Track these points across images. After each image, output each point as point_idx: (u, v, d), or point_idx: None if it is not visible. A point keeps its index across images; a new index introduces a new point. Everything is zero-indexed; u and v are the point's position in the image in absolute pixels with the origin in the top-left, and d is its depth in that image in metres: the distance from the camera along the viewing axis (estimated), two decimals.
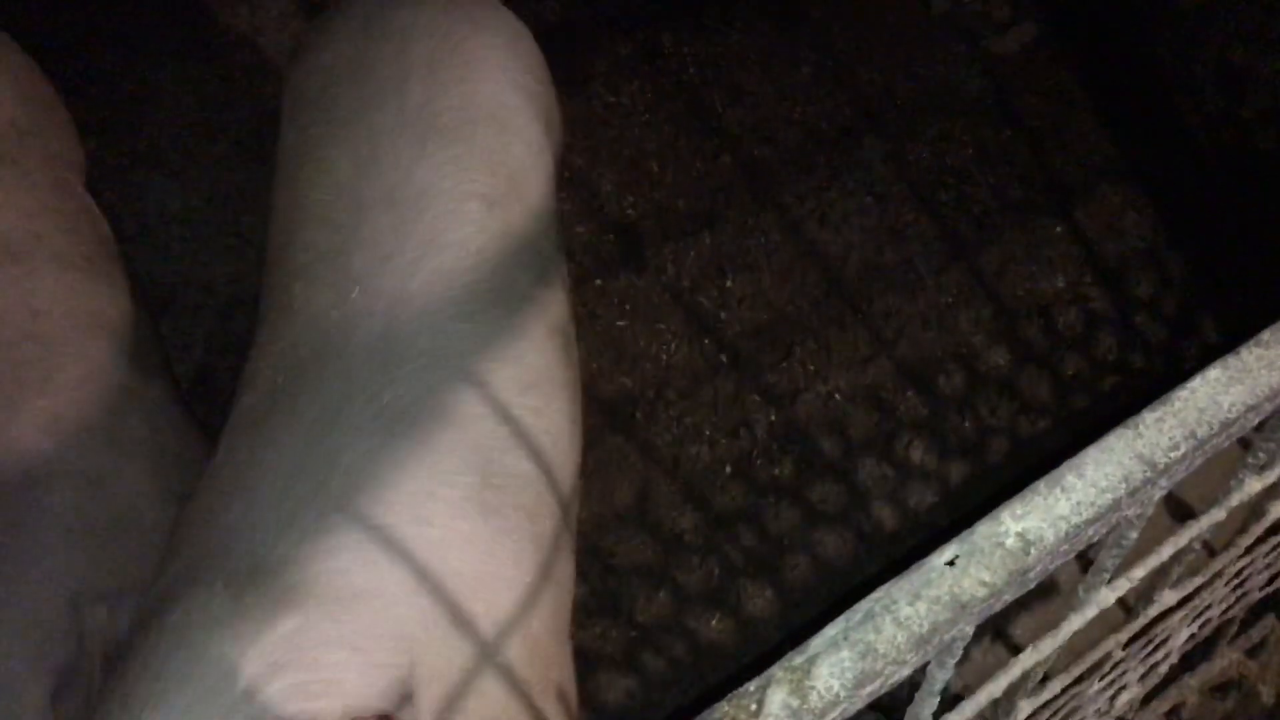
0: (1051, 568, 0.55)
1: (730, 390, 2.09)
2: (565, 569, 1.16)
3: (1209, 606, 1.09)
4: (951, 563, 0.53)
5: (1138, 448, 0.58)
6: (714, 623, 1.76)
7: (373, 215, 1.16)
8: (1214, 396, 0.61)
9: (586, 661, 1.71)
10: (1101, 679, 1.01)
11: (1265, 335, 0.64)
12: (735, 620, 1.77)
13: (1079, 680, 0.97)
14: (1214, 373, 0.62)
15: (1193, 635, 1.13)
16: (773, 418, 2.05)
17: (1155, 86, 2.57)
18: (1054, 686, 0.86)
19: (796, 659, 0.50)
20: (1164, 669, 1.14)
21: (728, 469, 1.98)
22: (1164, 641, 1.08)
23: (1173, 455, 0.58)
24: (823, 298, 2.24)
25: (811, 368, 2.13)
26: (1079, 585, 0.74)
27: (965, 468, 1.98)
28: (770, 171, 2.47)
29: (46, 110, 1.43)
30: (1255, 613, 1.37)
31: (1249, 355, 0.63)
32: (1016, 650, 1.10)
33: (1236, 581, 1.09)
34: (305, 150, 1.28)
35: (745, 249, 2.32)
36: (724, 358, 2.14)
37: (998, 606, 0.54)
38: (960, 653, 0.58)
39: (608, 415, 2.02)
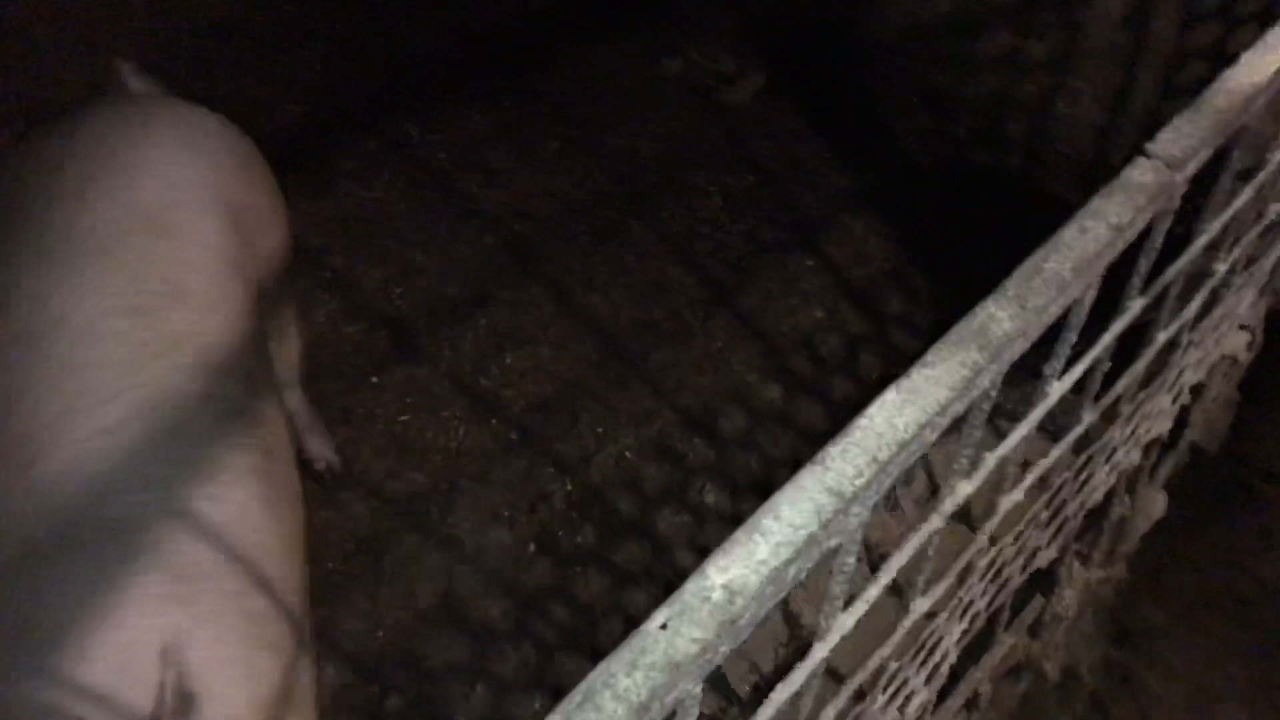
0: (761, 613, 0.58)
1: (523, 467, 2.09)
2: (288, 637, 1.14)
3: (971, 602, 1.16)
4: (664, 625, 0.55)
5: (826, 481, 0.62)
6: (536, 706, 1.74)
7: (6, 350, 1.13)
8: (890, 420, 0.65)
9: None
10: (884, 692, 1.05)
11: (930, 356, 0.70)
12: (557, 699, 1.75)
13: (859, 699, 1.01)
14: (890, 396, 0.67)
15: (965, 630, 1.20)
16: (569, 487, 2.06)
17: (873, 117, 2.76)
18: (828, 713, 0.89)
19: None
20: (945, 668, 1.20)
21: (531, 547, 1.97)
22: (938, 643, 1.14)
23: (858, 483, 0.62)
24: (601, 360, 2.28)
25: (599, 430, 2.16)
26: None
27: (757, 503, 2.03)
28: (533, 245, 2.51)
29: None
30: (1023, 597, 1.46)
31: (918, 376, 0.68)
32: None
33: (992, 573, 1.17)
34: None
35: (520, 324, 2.34)
36: (513, 435, 2.14)
37: (716, 660, 0.56)
38: (695, 711, 0.59)
39: (401, 515, 1.98)
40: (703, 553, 1.96)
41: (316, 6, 3.14)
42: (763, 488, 2.05)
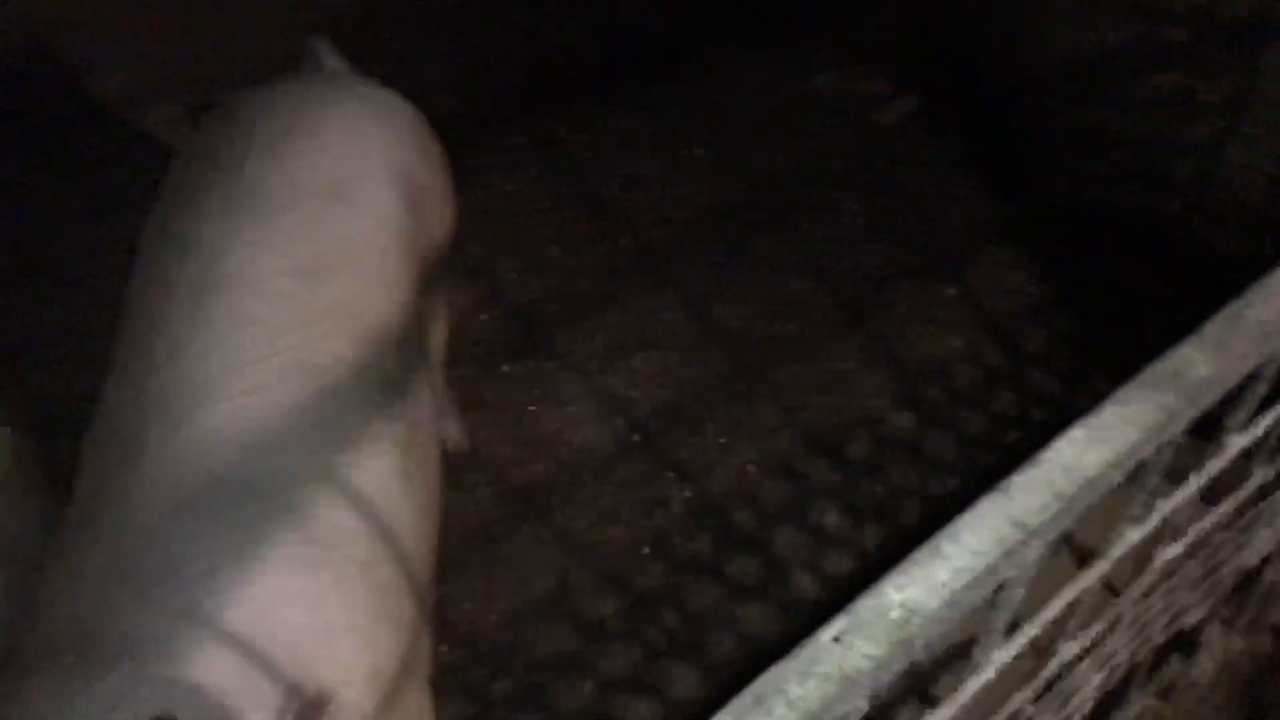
0: (936, 636, 0.57)
1: (644, 469, 2.09)
2: (412, 612, 1.16)
3: (1114, 653, 1.12)
4: (838, 638, 0.54)
5: (1009, 511, 0.60)
6: (640, 708, 1.74)
7: (177, 299, 1.18)
8: (1078, 456, 0.63)
9: None
10: None
11: (1122, 393, 0.67)
12: (662, 704, 1.75)
13: None
14: (1077, 433, 0.65)
15: (1103, 682, 1.16)
16: (687, 494, 2.06)
17: (1026, 149, 2.70)
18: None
19: None
20: (1078, 719, 1.16)
21: (646, 549, 1.97)
22: (1075, 692, 1.10)
23: (1042, 516, 0.60)
24: (729, 371, 2.27)
25: (722, 441, 2.15)
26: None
27: (879, 531, 2.01)
28: (668, 251, 2.52)
29: None
30: (1161, 655, 1.40)
31: (1110, 414, 0.66)
32: None
33: (1137, 627, 1.13)
34: (143, 242, 1.29)
35: (649, 328, 2.35)
36: (636, 437, 2.15)
37: (886, 679, 0.55)
38: None
39: (522, 503, 2.01)
40: (819, 575, 1.94)
41: (476, 2, 3.22)
42: (887, 517, 2.01)
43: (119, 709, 0.92)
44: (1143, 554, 0.98)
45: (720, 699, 0.54)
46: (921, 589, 0.56)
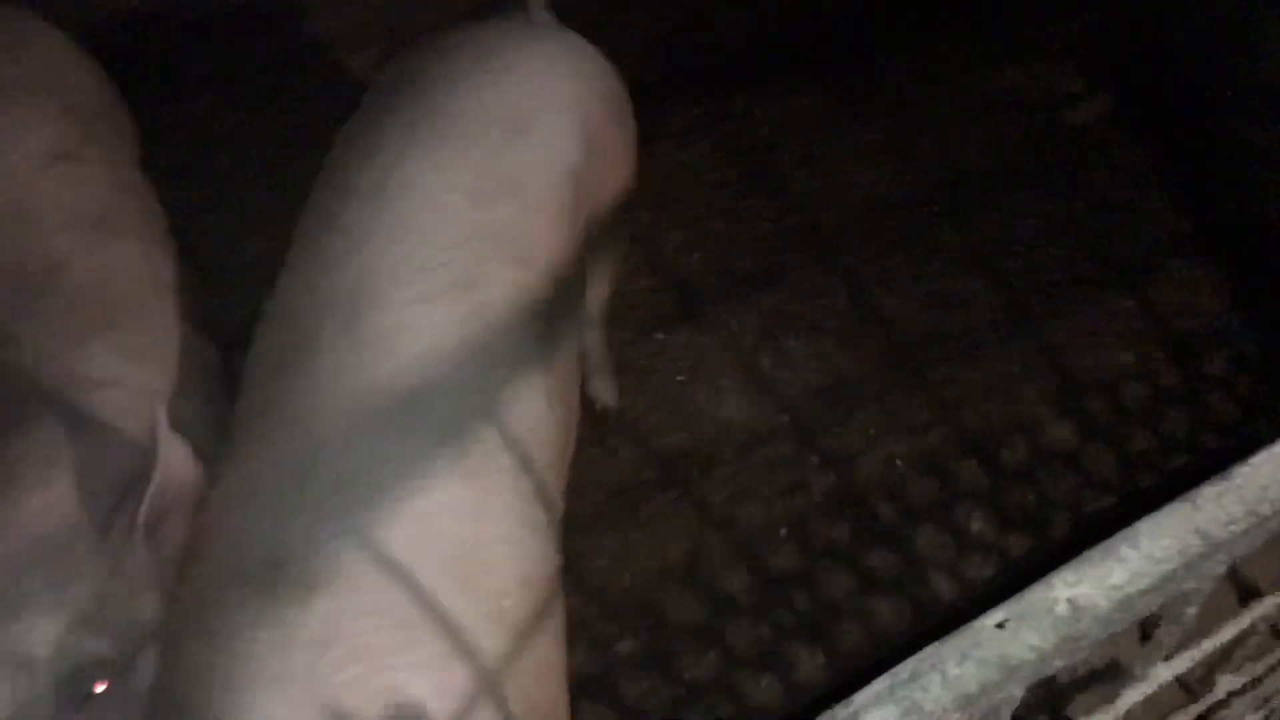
0: (1103, 636, 0.55)
1: (788, 451, 2.08)
2: (552, 530, 1.21)
3: (1274, 694, 1.06)
4: (1001, 625, 0.53)
5: (1195, 521, 0.57)
6: (762, 685, 1.74)
7: (354, 204, 1.23)
8: (1276, 474, 0.60)
9: (631, 717, 1.70)
10: None
11: None
12: (784, 684, 1.74)
13: None
14: (1279, 449, 0.61)
15: None
16: (831, 480, 2.04)
17: (1231, 162, 2.54)
18: None
19: (841, 713, 0.50)
20: None
21: (783, 531, 1.96)
22: None
23: (1231, 530, 0.57)
24: (885, 362, 2.23)
25: (872, 432, 2.12)
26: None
27: (1026, 540, 1.95)
28: (835, 235, 2.48)
29: (120, 107, 1.64)
30: None
31: None
32: None
33: None
34: (333, 150, 1.36)
35: (808, 310, 2.32)
36: (784, 418, 2.14)
37: (1046, 671, 0.54)
38: (1008, 717, 0.57)
39: (663, 469, 2.03)
40: (958, 578, 1.90)
41: None
42: (1035, 527, 1.95)
43: (330, 644, 0.98)
44: None
45: (844, 687, 0.54)
46: (1093, 588, 0.54)
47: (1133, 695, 0.68)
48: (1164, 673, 0.69)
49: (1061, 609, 0.54)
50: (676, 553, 1.91)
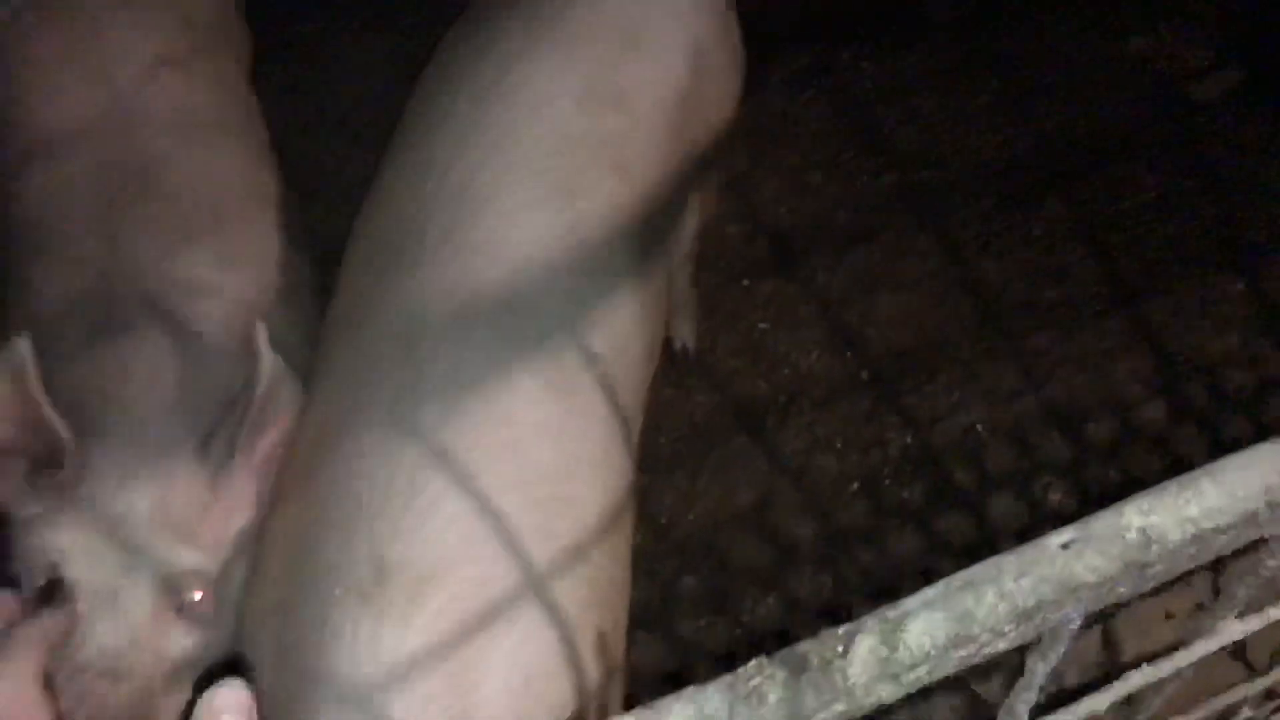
0: (1173, 571, 0.53)
1: (867, 407, 2.05)
2: (629, 451, 1.20)
3: None
4: (1066, 546, 0.52)
5: None
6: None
7: (461, 105, 1.24)
8: None
9: (685, 651, 1.71)
10: None
11: None
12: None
13: None
14: None
15: None
16: (908, 440, 2.01)
17: None
18: None
19: (890, 613, 0.49)
20: None
21: (854, 485, 1.95)
22: None
23: None
24: (975, 327, 2.18)
25: (954, 396, 2.08)
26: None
27: None
28: (935, 195, 2.43)
29: (236, 21, 1.68)
30: None
31: None
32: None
33: None
34: (439, 53, 1.38)
35: (900, 269, 2.28)
36: (864, 374, 2.11)
37: (1108, 598, 0.52)
38: (1065, 646, 0.56)
39: (738, 415, 2.02)
40: None
41: None
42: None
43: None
44: None
45: None
46: (1167, 518, 0.52)
47: (1199, 648, 0.66)
48: (1236, 629, 0.67)
49: (1131, 535, 0.52)
50: (745, 497, 1.91)
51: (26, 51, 1.40)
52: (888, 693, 0.48)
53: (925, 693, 1.50)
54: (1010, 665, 1.45)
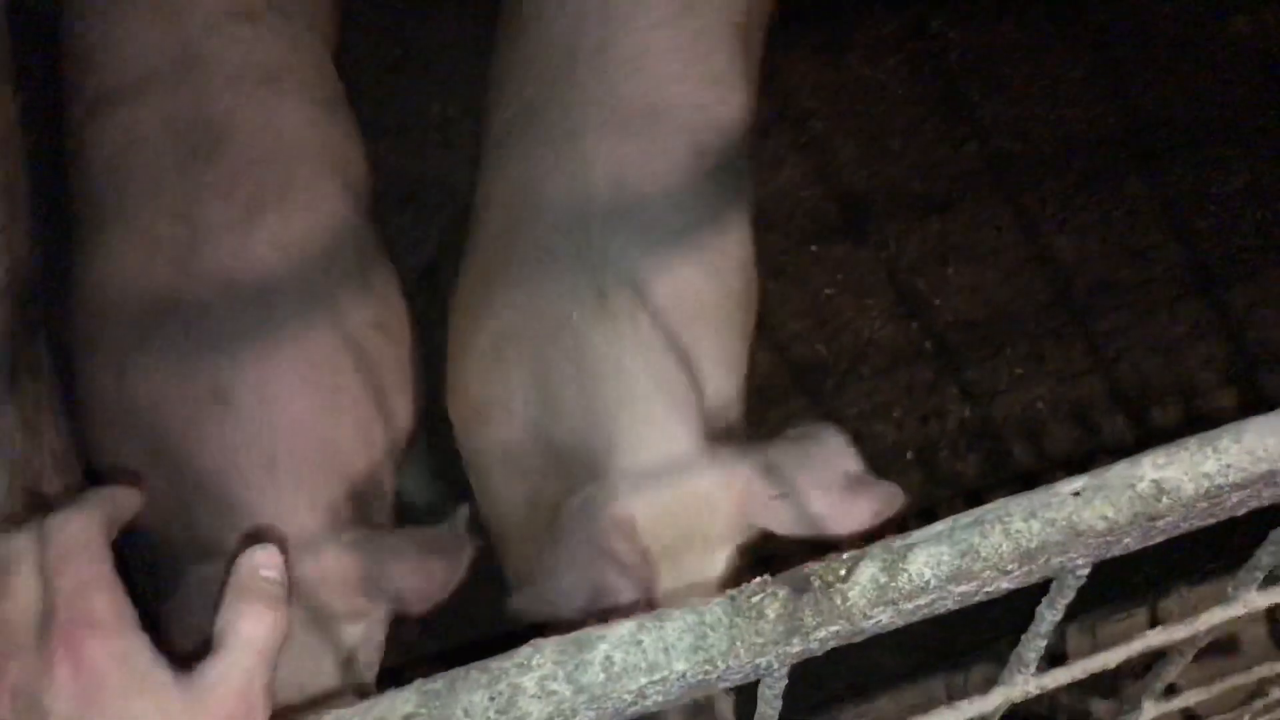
0: (1184, 526, 0.53)
1: (928, 378, 2.04)
2: None
3: None
4: (1078, 493, 0.53)
5: None
6: None
7: None
8: None
9: None
10: (1252, 717, 0.94)
11: None
12: None
13: (1224, 711, 0.92)
14: None
15: None
16: (967, 413, 2.00)
17: None
18: (1188, 697, 0.81)
19: (896, 543, 0.51)
20: None
21: (909, 454, 1.95)
22: None
23: None
24: (1046, 304, 2.15)
25: (1019, 371, 2.06)
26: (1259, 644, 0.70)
27: None
28: (1017, 168, 2.38)
29: None
30: None
31: None
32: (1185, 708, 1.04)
33: None
34: None
35: (974, 241, 2.25)
36: (928, 344, 2.09)
37: (1115, 549, 0.53)
38: (1072, 593, 0.57)
39: (797, 378, 2.03)
40: None
41: None
42: None
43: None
44: None
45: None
46: (1182, 472, 0.53)
47: (1218, 614, 0.66)
48: (1258, 599, 0.67)
49: (1144, 486, 0.52)
50: None
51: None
52: (886, 618, 0.50)
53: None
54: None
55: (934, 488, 1.88)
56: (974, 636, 1.56)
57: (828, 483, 1.18)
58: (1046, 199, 2.32)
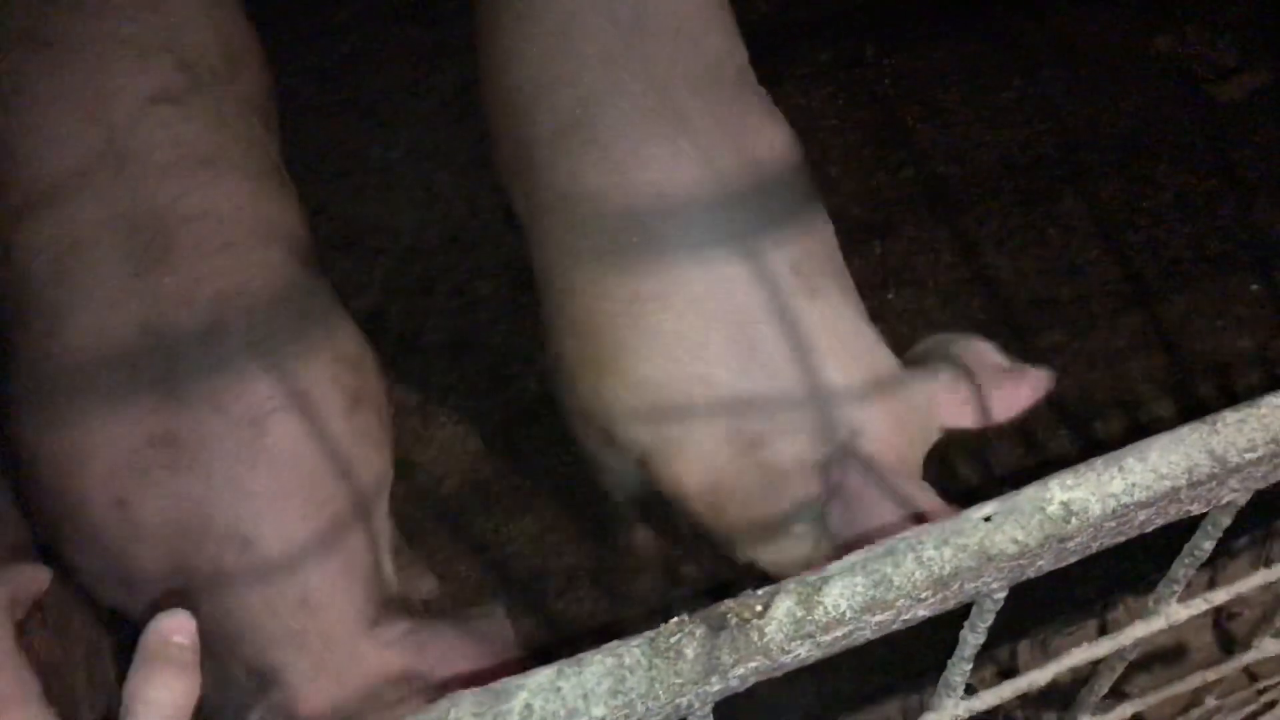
0: (1094, 546, 0.55)
1: None
2: None
3: None
4: (988, 518, 0.53)
5: (1210, 443, 0.56)
6: None
7: None
8: None
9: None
10: None
11: None
12: None
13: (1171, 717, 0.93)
14: None
15: None
16: None
17: None
18: (1125, 709, 0.83)
19: (811, 577, 0.51)
20: None
21: None
22: (1272, 706, 1.01)
23: (1246, 456, 0.56)
24: (987, 322, 2.18)
25: None
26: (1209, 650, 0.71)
27: None
28: (954, 191, 2.43)
29: (244, 59, 1.60)
30: None
31: None
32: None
33: None
34: None
35: (913, 264, 2.29)
36: None
37: (1028, 572, 0.54)
38: (991, 617, 0.57)
39: None
40: None
41: None
42: None
43: None
44: None
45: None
46: (1090, 493, 0.54)
47: (1139, 629, 0.67)
48: (1178, 612, 0.68)
49: (1053, 509, 0.53)
50: None
51: (20, 93, 1.37)
52: (804, 651, 0.50)
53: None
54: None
55: None
56: (935, 656, 1.57)
57: (992, 379, 1.37)
58: (983, 220, 2.36)
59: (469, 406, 2.05)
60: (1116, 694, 1.63)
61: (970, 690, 0.65)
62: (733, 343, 1.28)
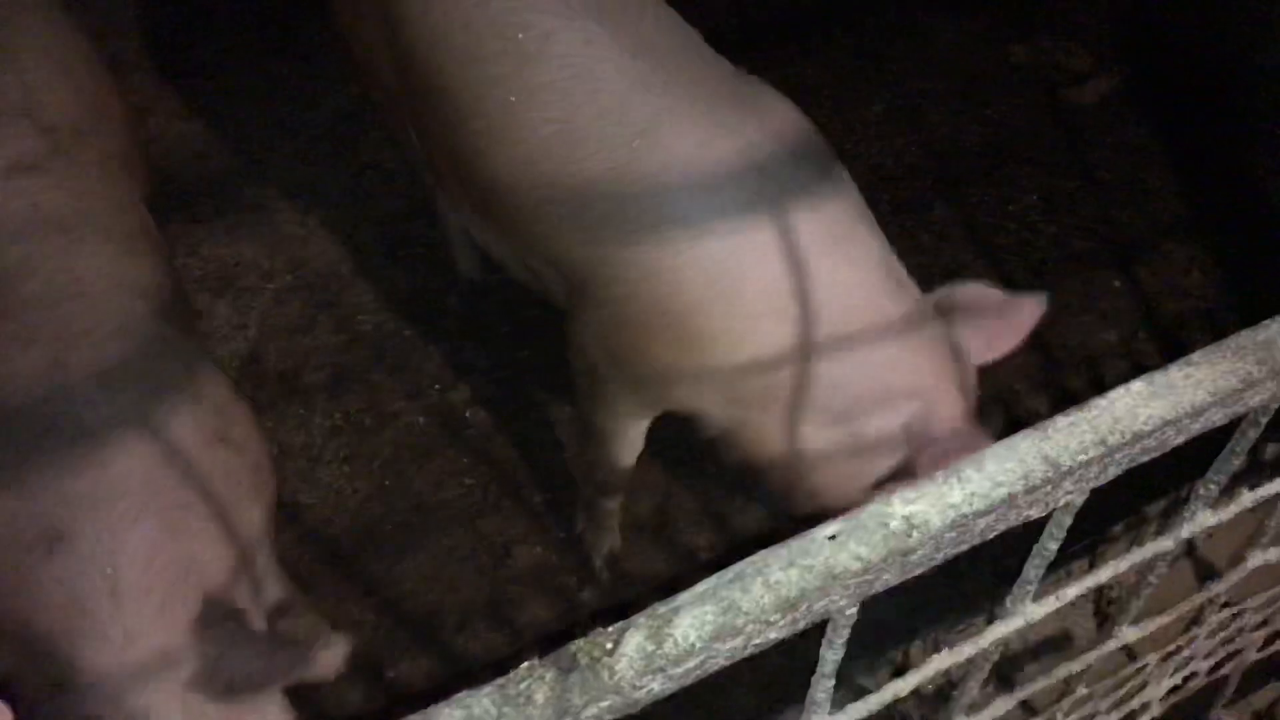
0: (938, 557, 0.56)
1: None
2: None
3: (1190, 659, 1.06)
4: (832, 537, 0.54)
5: (1043, 448, 0.58)
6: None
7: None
8: (1132, 408, 0.61)
9: None
10: (1064, 716, 0.99)
11: (1196, 356, 0.64)
12: None
13: (1031, 712, 0.96)
14: (1137, 385, 0.62)
15: (1176, 688, 1.10)
16: None
17: (1234, 147, 2.52)
18: (998, 706, 0.85)
19: (661, 609, 0.51)
20: None
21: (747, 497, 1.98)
22: (1141, 689, 1.05)
23: (1079, 459, 0.58)
24: None
25: None
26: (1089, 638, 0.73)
27: None
28: None
29: (105, 113, 1.57)
30: (1258, 678, 1.32)
31: (1176, 373, 0.63)
32: (1025, 704, 1.08)
33: (1224, 636, 1.06)
34: None
35: None
36: None
37: (876, 587, 0.55)
38: (847, 632, 0.58)
39: None
40: None
41: None
42: None
43: None
44: (1234, 556, 0.93)
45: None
46: (930, 506, 0.55)
47: (999, 629, 0.69)
48: (1034, 611, 0.70)
49: (895, 524, 0.54)
50: (644, 509, 1.93)
51: None
52: (658, 686, 0.50)
53: None
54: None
55: (776, 524, 1.92)
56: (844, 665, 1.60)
57: (996, 311, 1.53)
58: None
59: (355, 445, 2.01)
60: (1006, 681, 1.67)
61: (838, 705, 0.66)
62: (804, 313, 1.40)
